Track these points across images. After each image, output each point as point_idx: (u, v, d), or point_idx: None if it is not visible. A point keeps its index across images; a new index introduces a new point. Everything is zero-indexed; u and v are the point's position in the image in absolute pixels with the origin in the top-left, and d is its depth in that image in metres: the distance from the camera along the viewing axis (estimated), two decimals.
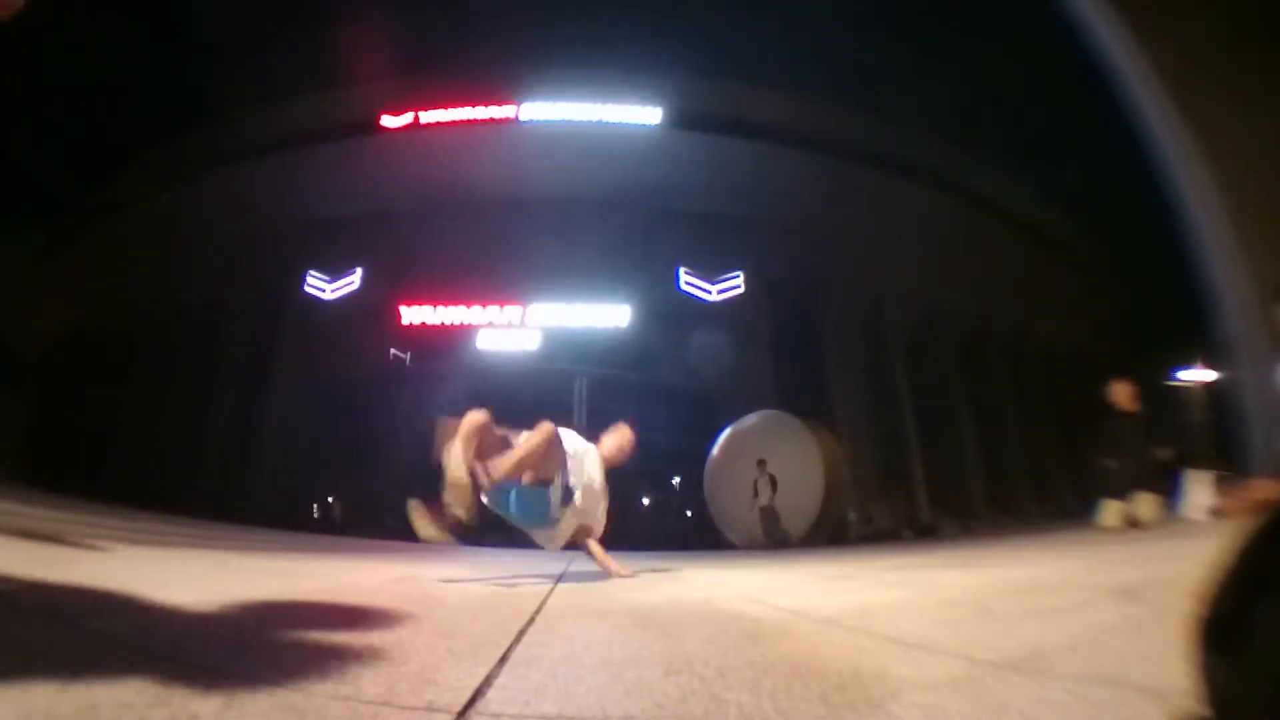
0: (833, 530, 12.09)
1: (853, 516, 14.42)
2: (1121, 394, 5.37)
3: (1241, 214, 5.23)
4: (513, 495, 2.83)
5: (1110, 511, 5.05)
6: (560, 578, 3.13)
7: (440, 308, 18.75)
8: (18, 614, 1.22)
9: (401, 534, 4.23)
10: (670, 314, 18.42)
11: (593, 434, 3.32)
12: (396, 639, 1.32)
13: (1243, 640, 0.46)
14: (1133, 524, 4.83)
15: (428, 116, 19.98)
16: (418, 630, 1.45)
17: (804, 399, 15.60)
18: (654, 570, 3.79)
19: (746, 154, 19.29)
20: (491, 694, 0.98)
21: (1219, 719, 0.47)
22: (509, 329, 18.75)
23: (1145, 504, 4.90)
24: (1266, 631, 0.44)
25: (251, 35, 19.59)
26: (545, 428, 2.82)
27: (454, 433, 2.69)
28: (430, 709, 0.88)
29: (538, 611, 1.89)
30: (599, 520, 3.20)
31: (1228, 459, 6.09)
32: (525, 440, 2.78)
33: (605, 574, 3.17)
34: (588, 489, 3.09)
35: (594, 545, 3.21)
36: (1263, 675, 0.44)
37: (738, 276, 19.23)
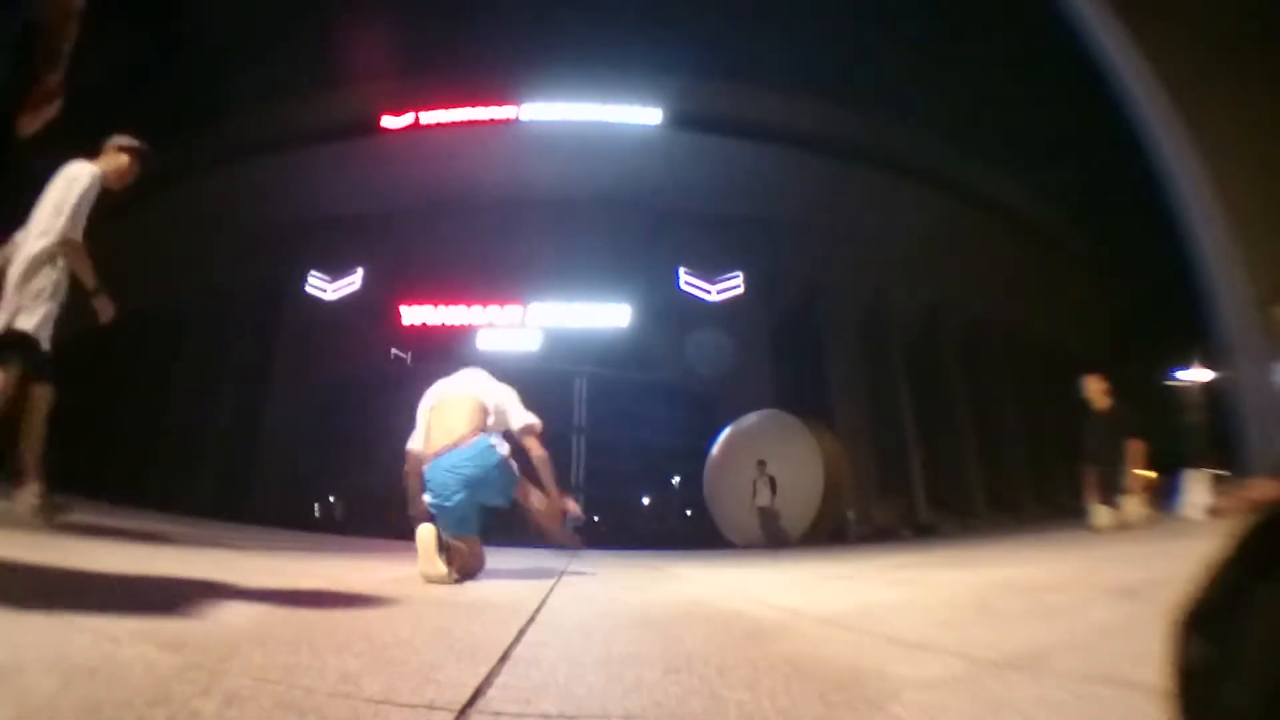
0: (832, 530, 12.09)
1: (852, 516, 14.42)
2: (1093, 390, 5.28)
3: (1240, 215, 5.24)
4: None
5: (1100, 513, 5.06)
6: (561, 577, 3.13)
7: (441, 307, 18.75)
8: (18, 612, 1.22)
9: (401, 534, 4.24)
10: (670, 314, 18.43)
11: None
12: (397, 637, 1.32)
13: (1231, 628, 0.46)
14: (1123, 525, 4.84)
15: (428, 117, 19.99)
16: (418, 628, 1.45)
17: (804, 399, 15.59)
18: (654, 569, 3.79)
19: (746, 154, 19.29)
20: (492, 692, 0.98)
21: (1204, 717, 0.47)
22: (509, 329, 18.76)
23: (1132, 504, 4.91)
24: (1257, 619, 0.44)
25: (253, 37, 19.60)
26: None
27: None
28: (431, 707, 0.88)
29: (538, 610, 1.90)
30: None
31: (1226, 459, 6.10)
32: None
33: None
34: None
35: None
36: (1251, 662, 0.44)
37: (738, 276, 19.23)
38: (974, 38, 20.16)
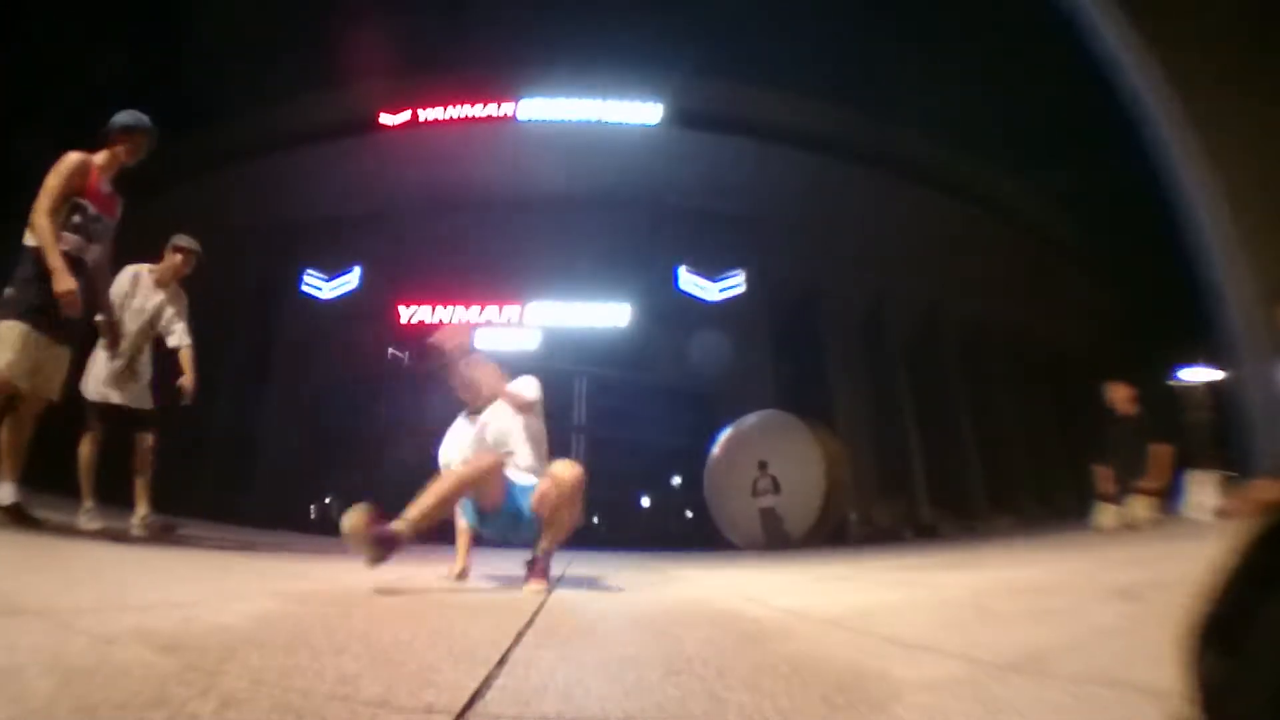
0: (833, 530, 12.08)
1: (853, 517, 14.42)
2: (1119, 396, 5.35)
3: (1244, 213, 5.23)
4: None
5: (1105, 513, 5.09)
6: (560, 579, 3.13)
7: (439, 307, 18.74)
8: (16, 614, 1.22)
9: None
10: (670, 314, 18.41)
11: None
12: (395, 639, 1.32)
13: (1244, 641, 0.45)
14: (1128, 525, 4.86)
15: (426, 114, 19.97)
16: (416, 631, 1.45)
17: (804, 399, 15.58)
18: (654, 570, 3.79)
19: (746, 153, 19.26)
20: (490, 695, 0.97)
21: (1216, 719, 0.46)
22: (509, 328, 18.75)
23: (1138, 505, 4.93)
24: (1268, 633, 0.44)
25: (250, 34, 19.61)
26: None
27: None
28: (429, 710, 0.88)
29: (537, 612, 1.89)
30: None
31: (1231, 459, 6.09)
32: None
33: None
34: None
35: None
36: (1264, 677, 0.43)
37: (738, 276, 19.21)
38: (975, 36, 20.16)
